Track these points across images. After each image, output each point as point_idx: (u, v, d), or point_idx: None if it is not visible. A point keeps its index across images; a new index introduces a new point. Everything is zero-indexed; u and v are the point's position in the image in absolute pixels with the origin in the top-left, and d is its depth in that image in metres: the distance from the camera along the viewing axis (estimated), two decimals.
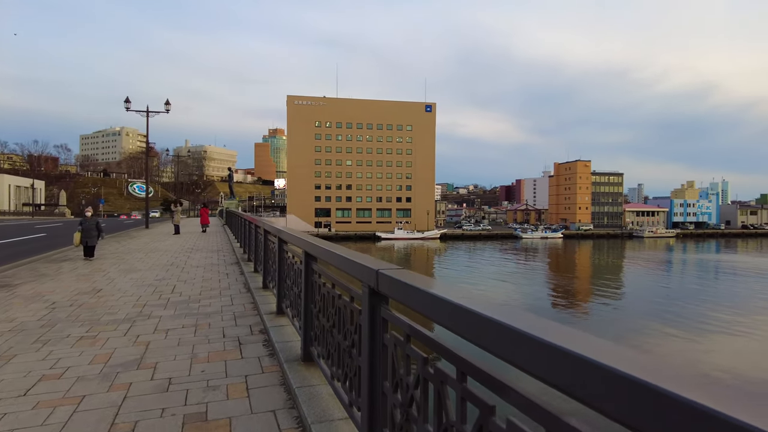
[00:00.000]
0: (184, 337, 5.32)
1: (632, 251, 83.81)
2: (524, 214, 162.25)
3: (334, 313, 3.26)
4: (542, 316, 1.09)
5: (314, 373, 3.80)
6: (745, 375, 18.53)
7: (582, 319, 29.89)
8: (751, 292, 39.66)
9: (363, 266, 2.48)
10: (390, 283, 2.11)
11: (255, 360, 4.52)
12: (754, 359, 20.88)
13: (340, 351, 3.10)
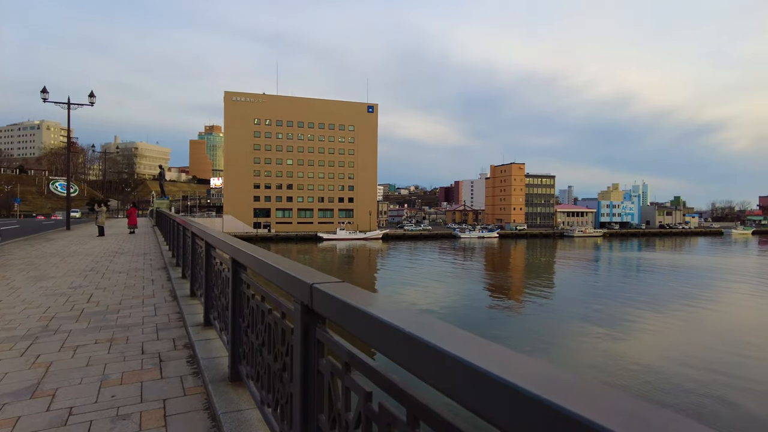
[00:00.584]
0: (95, 354, 4.70)
1: (563, 250, 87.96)
2: (462, 214, 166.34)
3: (263, 330, 2.88)
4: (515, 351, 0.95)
5: (243, 396, 3.39)
6: (654, 367, 19.72)
7: (516, 317, 30.84)
8: (668, 288, 42.59)
9: (295, 279, 2.12)
10: (327, 300, 1.77)
11: (177, 380, 4.02)
12: (665, 352, 22.28)
13: (270, 373, 2.73)
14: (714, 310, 32.40)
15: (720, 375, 18.78)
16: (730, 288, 43.35)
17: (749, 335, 25.30)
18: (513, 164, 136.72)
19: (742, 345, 23.26)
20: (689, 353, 21.80)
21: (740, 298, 38.25)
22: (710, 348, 22.84)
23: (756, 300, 37.13)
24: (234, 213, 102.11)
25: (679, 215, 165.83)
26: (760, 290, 41.78)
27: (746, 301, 36.60)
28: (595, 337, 24.73)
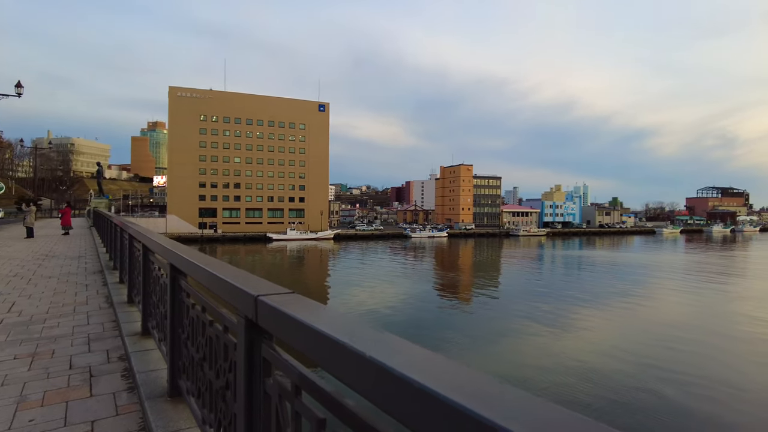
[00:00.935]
0: (13, 372, 4.23)
1: (509, 249, 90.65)
2: (413, 214, 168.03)
3: (204, 344, 2.63)
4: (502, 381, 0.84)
5: (183, 413, 3.12)
6: (591, 362, 20.61)
7: (464, 316, 31.38)
8: (607, 285, 44.71)
9: (239, 290, 1.88)
10: (273, 315, 1.57)
11: (109, 398, 3.67)
12: (602, 347, 23.34)
13: (212, 391, 2.49)
14: (646, 306, 34.25)
15: (651, 368, 19.84)
16: (660, 284, 46.06)
17: (677, 329, 26.88)
18: (462, 165, 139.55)
19: (671, 338, 24.69)
20: (624, 348, 22.89)
21: (669, 293, 40.68)
22: (642, 342, 24.09)
23: (682, 295, 39.59)
24: (178, 213, 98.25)
25: (616, 215, 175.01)
26: (685, 286, 44.65)
27: (674, 297, 38.95)
28: (538, 334, 25.49)
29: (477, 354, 21.65)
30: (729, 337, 25.17)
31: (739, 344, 23.71)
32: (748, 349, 22.90)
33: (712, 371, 19.35)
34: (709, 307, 34.15)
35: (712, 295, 39.51)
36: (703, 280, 49.15)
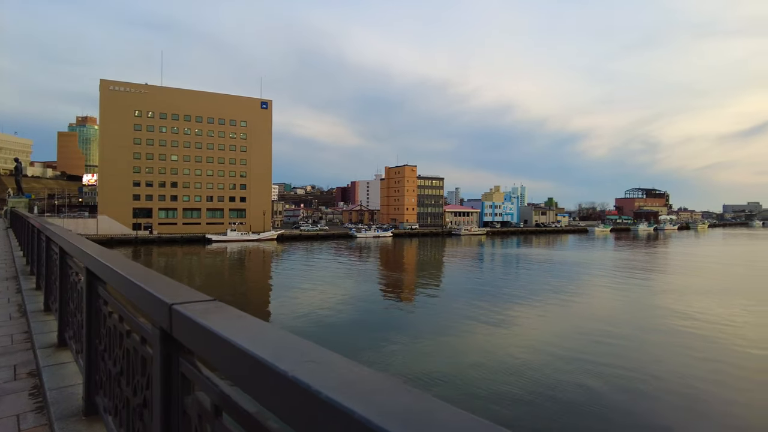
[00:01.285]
0: None
1: (451, 247, 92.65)
2: (358, 214, 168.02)
3: (122, 356, 2.38)
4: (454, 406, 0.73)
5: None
6: (528, 358, 21.40)
7: (408, 313, 31.70)
8: (543, 282, 46.63)
9: (152, 297, 1.71)
10: (189, 326, 1.41)
11: (11, 420, 3.27)
12: (538, 343, 24.29)
13: (129, 409, 2.24)
14: (579, 302, 36.00)
15: (583, 362, 20.84)
16: (592, 280, 48.64)
17: (605, 323, 28.41)
18: (406, 166, 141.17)
19: (600, 333, 26.07)
20: (557, 343, 23.90)
21: (600, 289, 43.02)
22: (573, 337, 25.26)
23: (611, 290, 41.98)
24: (110, 213, 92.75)
25: (552, 215, 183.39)
26: (614, 281, 47.43)
27: (604, 292, 41.21)
28: (478, 332, 26.11)
29: (418, 353, 21.85)
30: (651, 329, 26.87)
31: (660, 335, 25.37)
32: (667, 340, 24.54)
33: (635, 362, 20.56)
34: (635, 302, 36.34)
35: (637, 290, 42.13)
36: (630, 276, 52.37)
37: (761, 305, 33.75)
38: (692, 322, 28.14)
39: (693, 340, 24.25)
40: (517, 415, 14.91)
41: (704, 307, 32.53)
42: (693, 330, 26.20)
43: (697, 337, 24.78)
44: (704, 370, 19.37)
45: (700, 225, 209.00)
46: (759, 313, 31.19)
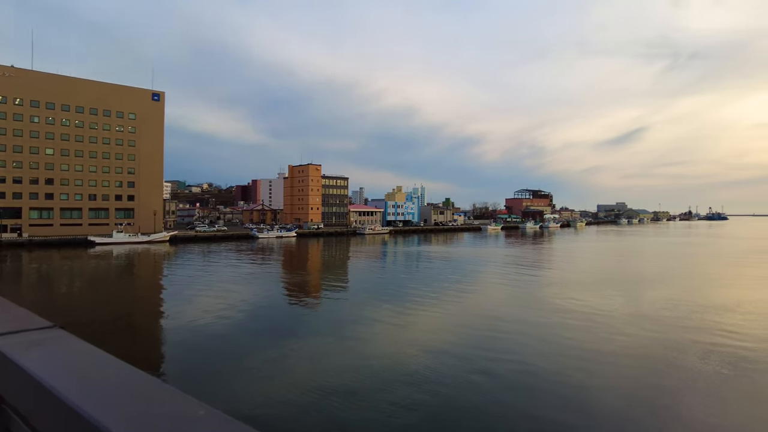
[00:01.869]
0: None
1: (356, 246, 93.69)
2: (260, 214, 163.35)
3: None
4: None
5: None
6: (429, 351, 22.56)
7: (313, 313, 31.67)
8: (442, 277, 48.98)
9: None
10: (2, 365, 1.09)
11: None
12: (438, 336, 25.64)
13: None
14: (474, 295, 38.47)
15: (479, 350, 22.38)
16: (485, 275, 52.11)
17: (498, 317, 30.63)
18: (311, 165, 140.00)
19: (494, 324, 28.10)
20: (455, 338, 25.41)
21: (492, 283, 46.27)
22: (470, 331, 27.01)
23: (502, 284, 45.33)
24: None
25: (449, 214, 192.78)
26: (505, 276, 51.25)
27: (496, 286, 44.34)
28: (380, 330, 26.87)
29: (322, 355, 21.95)
30: (538, 321, 29.45)
31: (546, 327, 27.91)
32: (552, 330, 27.07)
33: (524, 352, 22.49)
34: (524, 294, 39.56)
35: (526, 283, 45.88)
36: (519, 270, 56.83)
37: (627, 294, 38.46)
38: (572, 312, 31.29)
39: (572, 329, 27.00)
40: (420, 404, 15.63)
41: (582, 298, 36.32)
42: (572, 320, 29.15)
43: (576, 326, 27.64)
44: (580, 358, 21.70)
45: (578, 223, 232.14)
46: (626, 301, 35.52)
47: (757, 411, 15.84)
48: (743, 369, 19.59)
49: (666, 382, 18.19)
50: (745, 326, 27.04)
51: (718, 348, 22.57)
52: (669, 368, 19.84)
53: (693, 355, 21.51)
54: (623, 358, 21.33)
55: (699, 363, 20.44)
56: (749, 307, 32.69)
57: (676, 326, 27.06)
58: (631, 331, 26.00)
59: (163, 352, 22.90)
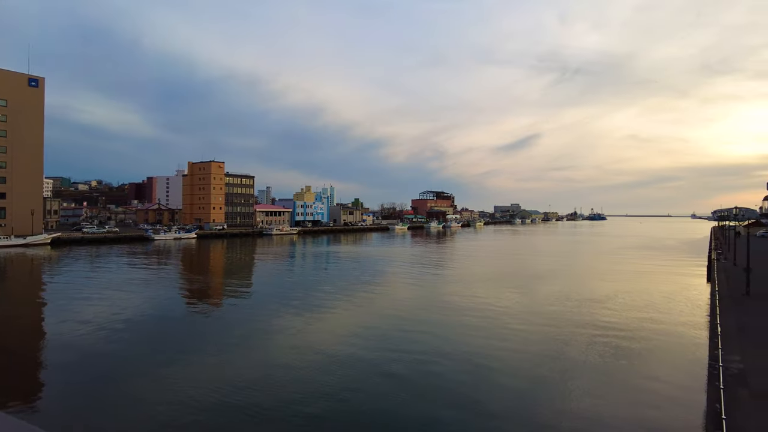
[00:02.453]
0: None
1: (263, 248, 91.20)
2: (157, 214, 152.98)
3: None
4: None
5: None
6: (336, 352, 22.81)
7: (215, 318, 30.41)
8: (352, 277, 49.36)
9: None
10: None
11: None
12: (346, 337, 25.96)
13: None
14: (383, 293, 39.28)
15: (386, 352, 22.97)
16: (393, 273, 53.39)
17: (404, 316, 31.62)
18: (213, 162, 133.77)
19: (401, 324, 28.97)
20: (364, 336, 25.82)
21: (398, 281, 47.55)
22: (378, 328, 27.63)
23: (407, 283, 46.79)
24: None
25: (358, 214, 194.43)
26: (410, 274, 52.95)
27: (401, 286, 45.61)
28: (289, 332, 26.55)
29: (224, 366, 21.24)
30: (441, 319, 30.84)
31: (447, 325, 29.29)
32: (453, 329, 28.47)
33: (427, 351, 23.46)
34: (428, 293, 41.12)
35: (430, 282, 47.74)
36: (424, 268, 58.98)
37: (523, 290, 41.52)
38: (473, 309, 33.12)
39: (473, 326, 28.60)
40: (327, 412, 15.70)
41: (483, 294, 38.58)
42: (473, 317, 30.87)
43: (477, 323, 29.32)
44: (480, 354, 23.08)
45: (478, 223, 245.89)
46: (522, 296, 38.33)
47: (633, 388, 17.97)
48: (621, 352, 22.12)
49: (560, 367, 20.00)
50: (620, 314, 30.50)
51: (600, 335, 25.22)
52: (561, 357, 21.80)
53: (580, 344, 23.82)
54: (520, 353, 23.02)
55: (585, 350, 22.70)
56: (625, 297, 36.87)
57: (566, 319, 29.75)
58: (526, 326, 28.13)
59: (40, 378, 20.12)
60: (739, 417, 11.13)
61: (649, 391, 17.44)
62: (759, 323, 20.93)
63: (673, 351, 22.75)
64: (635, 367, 20.38)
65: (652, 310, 32.35)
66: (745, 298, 26.92)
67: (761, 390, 13.00)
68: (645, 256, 76.56)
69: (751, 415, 11.29)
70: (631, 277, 50.88)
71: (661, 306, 33.71)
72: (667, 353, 22.42)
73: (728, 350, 16.45)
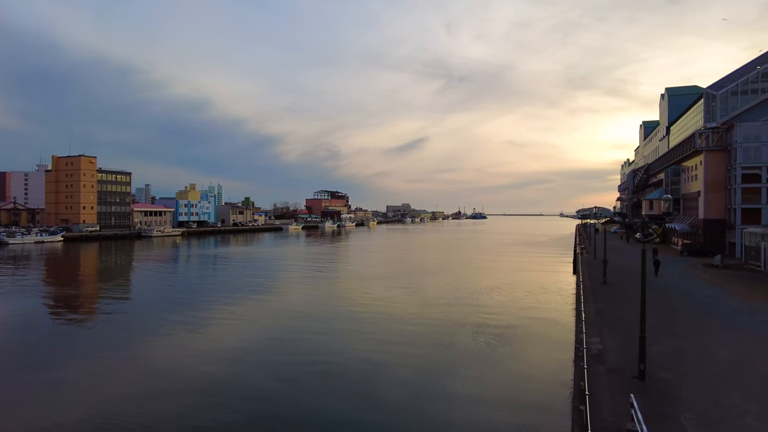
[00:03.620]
0: None
1: (141, 251, 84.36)
2: (12, 214, 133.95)
3: None
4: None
5: None
6: (223, 361, 22.06)
7: (86, 329, 27.60)
8: (242, 280, 47.59)
9: None
10: None
11: None
12: (235, 344, 25.15)
13: None
14: (276, 297, 38.51)
15: (280, 355, 22.62)
16: (287, 275, 52.53)
17: (297, 317, 31.36)
18: (83, 157, 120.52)
19: (294, 326, 28.67)
20: (256, 341, 25.20)
21: (291, 282, 46.94)
22: (271, 332, 27.09)
23: (301, 284, 46.40)
24: None
25: (249, 214, 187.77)
26: (304, 274, 52.55)
27: (294, 287, 45.14)
28: (171, 342, 25.01)
29: (100, 383, 19.45)
30: (334, 318, 31.05)
31: (341, 324, 29.58)
32: (348, 328, 28.84)
33: (321, 351, 23.54)
34: (322, 292, 41.11)
35: (325, 281, 47.75)
36: (318, 269, 58.84)
37: (414, 285, 43.19)
38: (368, 306, 33.78)
39: (368, 323, 29.18)
40: (219, 425, 15.04)
41: (376, 292, 39.47)
42: (367, 314, 31.50)
43: (372, 319, 29.96)
44: (375, 351, 23.63)
45: (371, 222, 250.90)
46: (414, 291, 39.85)
47: (514, 371, 19.62)
48: (504, 339, 24.04)
49: (450, 357, 21.19)
50: (503, 305, 33.13)
51: (486, 325, 27.17)
52: (451, 348, 23.10)
53: (468, 335, 25.45)
54: (412, 347, 24.00)
55: (473, 340, 24.31)
56: (506, 289, 40.07)
57: (455, 312, 31.58)
58: (417, 320, 29.38)
59: None
60: (597, 391, 12.78)
61: (528, 373, 19.29)
62: (612, 308, 24.10)
63: (547, 336, 25.33)
64: (516, 352, 22.39)
65: (530, 299, 35.67)
66: (603, 286, 30.79)
67: (614, 366, 15.05)
68: (522, 252, 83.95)
69: (605, 388, 13.05)
70: (511, 270, 55.51)
71: (537, 296, 37.30)
72: (542, 338, 24.91)
73: (590, 333, 18.74)
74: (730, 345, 17.49)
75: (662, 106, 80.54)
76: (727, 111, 51.69)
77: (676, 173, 63.03)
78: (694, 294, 28.09)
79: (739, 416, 11.43)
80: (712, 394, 12.68)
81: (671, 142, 71.73)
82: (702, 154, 51.70)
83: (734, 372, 14.55)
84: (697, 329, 19.84)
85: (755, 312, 23.18)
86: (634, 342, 17.01)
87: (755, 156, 47.26)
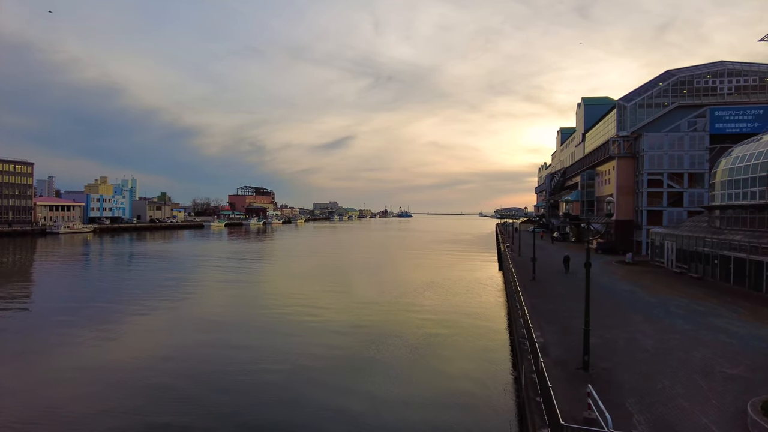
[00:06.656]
0: None
1: (46, 249, 77.30)
2: None
3: None
4: None
5: None
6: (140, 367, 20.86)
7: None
8: (159, 280, 44.90)
9: None
10: None
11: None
12: (151, 349, 23.78)
13: None
14: (194, 299, 36.76)
15: (200, 363, 21.64)
16: (207, 275, 50.34)
17: (218, 321, 30.21)
18: None
19: (215, 332, 27.51)
20: (173, 348, 23.93)
21: (210, 285, 45.00)
22: (190, 339, 25.86)
23: (222, 286, 44.68)
24: None
25: (168, 210, 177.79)
26: (226, 276, 50.66)
27: (215, 290, 43.43)
28: (76, 350, 23.00)
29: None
30: (260, 322, 30.27)
31: (268, 328, 28.92)
32: (274, 331, 28.21)
33: (252, 352, 22.86)
34: (247, 294, 39.88)
35: (250, 282, 46.32)
36: (241, 267, 57.01)
37: (342, 284, 43.07)
38: (295, 307, 33.25)
39: (296, 325, 28.72)
40: None
41: (303, 291, 38.99)
42: (296, 316, 31.01)
43: (300, 317, 29.52)
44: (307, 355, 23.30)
45: (299, 220, 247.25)
46: (341, 290, 39.71)
47: (450, 368, 20.18)
48: (437, 336, 24.64)
49: (381, 357, 21.36)
50: (435, 302, 33.95)
51: (418, 322, 27.70)
52: (381, 347, 23.30)
53: (400, 333, 25.82)
54: (342, 348, 23.99)
55: (405, 338, 24.67)
56: (438, 286, 41.10)
57: (386, 310, 31.95)
58: (347, 320, 29.46)
59: None
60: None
61: (466, 367, 19.96)
62: (545, 303, 25.56)
63: (480, 329, 26.37)
64: (450, 349, 23.07)
65: (460, 295, 36.92)
66: (533, 282, 32.53)
67: (558, 358, 15.98)
68: (449, 249, 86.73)
69: (555, 378, 13.80)
70: (441, 267, 57.16)
71: (467, 292, 38.69)
72: (476, 332, 25.88)
73: (533, 327, 19.71)
74: (652, 335, 19.18)
75: (579, 114, 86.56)
76: (636, 122, 56.59)
77: (591, 177, 68.07)
78: (614, 289, 30.50)
79: (671, 399, 12.57)
80: (646, 381, 13.83)
81: (587, 148, 77.32)
82: (615, 160, 56.30)
83: (660, 359, 15.97)
84: (623, 321, 21.56)
85: (666, 304, 25.62)
86: (570, 335, 18.23)
87: (658, 163, 52.31)
